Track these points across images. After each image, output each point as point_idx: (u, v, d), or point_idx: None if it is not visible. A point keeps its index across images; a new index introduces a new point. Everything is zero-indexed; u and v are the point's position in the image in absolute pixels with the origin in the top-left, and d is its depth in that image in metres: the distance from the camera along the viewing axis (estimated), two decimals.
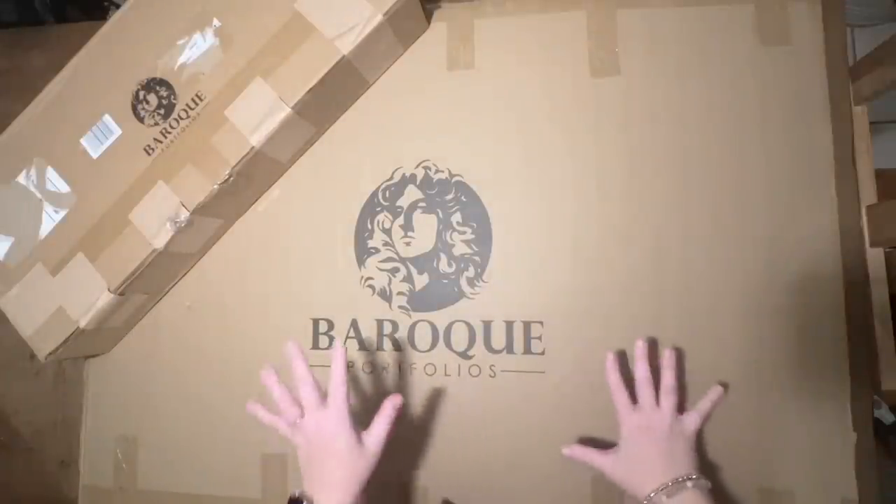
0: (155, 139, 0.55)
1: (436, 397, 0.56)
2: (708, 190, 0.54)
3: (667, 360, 0.49)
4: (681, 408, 0.48)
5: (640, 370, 0.49)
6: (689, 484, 0.43)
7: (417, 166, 0.59)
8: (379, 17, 0.51)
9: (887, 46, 0.50)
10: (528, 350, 0.55)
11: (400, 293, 0.58)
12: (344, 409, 0.44)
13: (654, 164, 0.55)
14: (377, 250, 0.59)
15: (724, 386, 0.50)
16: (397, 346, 0.58)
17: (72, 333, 0.55)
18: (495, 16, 0.59)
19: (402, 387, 0.57)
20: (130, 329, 0.63)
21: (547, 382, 0.55)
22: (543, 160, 0.57)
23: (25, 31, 0.73)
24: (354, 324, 0.58)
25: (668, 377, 0.48)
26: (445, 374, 0.56)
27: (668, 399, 0.47)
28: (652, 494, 0.43)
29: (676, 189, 0.54)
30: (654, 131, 0.55)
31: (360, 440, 0.44)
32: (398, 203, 0.59)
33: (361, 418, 0.57)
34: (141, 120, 0.55)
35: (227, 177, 0.53)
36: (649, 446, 0.46)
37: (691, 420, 0.47)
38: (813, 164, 0.53)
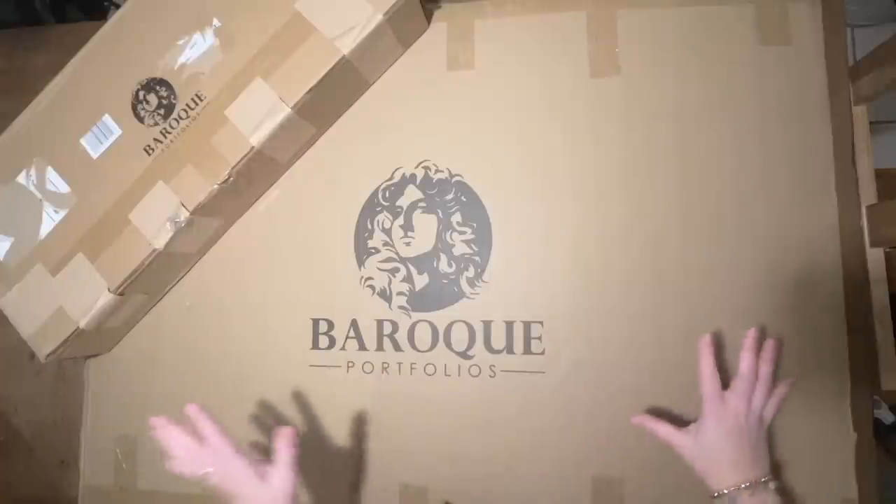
0: (155, 139, 0.55)
1: (436, 397, 0.56)
2: (708, 190, 0.54)
3: (768, 352, 0.47)
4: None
5: (746, 360, 0.47)
6: (771, 486, 0.43)
7: (417, 166, 0.59)
8: (379, 18, 0.51)
9: (887, 46, 0.50)
10: (528, 350, 0.55)
11: (400, 293, 0.58)
12: (233, 458, 0.45)
13: (654, 164, 0.55)
14: (377, 250, 0.59)
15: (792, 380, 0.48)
16: (397, 347, 0.57)
17: (72, 333, 0.54)
18: (495, 16, 0.59)
19: (401, 387, 0.57)
20: (130, 329, 0.63)
21: (547, 382, 0.55)
22: (543, 160, 0.57)
23: (25, 31, 0.73)
24: (354, 324, 0.58)
25: (765, 370, 0.47)
26: (445, 374, 0.56)
27: (762, 393, 0.46)
28: (733, 489, 0.43)
29: (676, 189, 0.54)
30: (654, 131, 0.55)
31: (263, 481, 0.44)
32: (398, 203, 0.59)
33: (361, 421, 0.57)
34: (141, 120, 0.55)
35: (227, 177, 0.53)
36: (733, 439, 0.45)
37: (769, 411, 0.46)
38: (813, 164, 0.53)
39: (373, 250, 0.59)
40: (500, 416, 0.55)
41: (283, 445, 0.45)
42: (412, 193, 0.59)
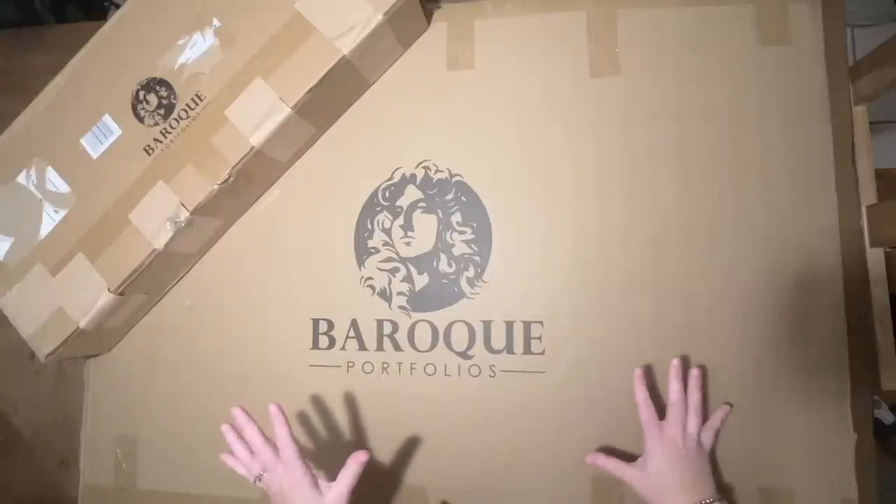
0: (155, 139, 0.55)
1: (436, 397, 0.56)
2: (708, 190, 0.54)
3: (694, 379, 0.49)
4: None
5: (674, 390, 0.49)
6: None
7: (417, 166, 0.59)
8: (379, 18, 0.51)
9: (887, 46, 0.50)
10: (528, 350, 0.55)
11: (400, 293, 0.58)
12: (297, 467, 0.45)
13: (654, 164, 0.55)
14: (377, 250, 0.59)
15: (730, 405, 0.51)
16: (397, 347, 0.57)
17: (72, 333, 0.54)
18: (495, 16, 0.59)
19: (401, 387, 0.57)
20: (130, 329, 0.63)
21: (547, 382, 0.55)
22: (543, 160, 0.57)
23: (25, 31, 0.73)
24: (354, 324, 0.58)
25: (695, 397, 0.48)
26: (445, 374, 0.56)
27: (695, 419, 0.48)
28: None
29: (676, 189, 0.54)
30: (654, 131, 0.55)
31: (319, 493, 0.45)
32: (398, 203, 0.59)
33: (361, 421, 0.57)
34: (141, 120, 0.55)
35: (227, 177, 0.53)
36: (676, 466, 0.46)
37: (707, 437, 0.48)
38: (813, 164, 0.53)
39: (373, 250, 0.59)
40: (499, 415, 0.55)
41: (351, 466, 0.45)
42: (412, 193, 0.59)
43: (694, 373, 0.49)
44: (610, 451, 0.52)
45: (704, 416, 0.49)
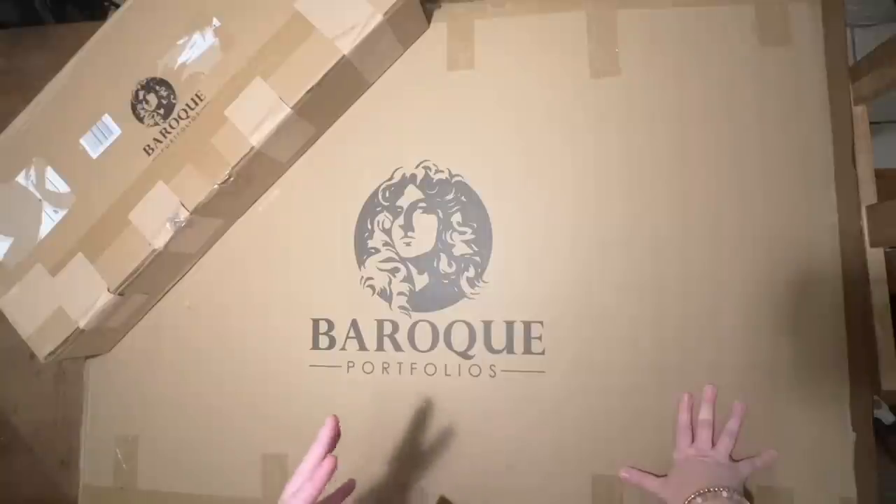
0: (155, 139, 0.55)
1: (436, 397, 0.56)
2: (708, 190, 0.54)
3: (737, 409, 0.51)
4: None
5: (705, 412, 0.51)
6: (724, 493, 0.45)
7: (417, 166, 0.59)
8: (379, 17, 0.51)
9: (887, 46, 0.50)
10: (528, 350, 0.55)
11: (400, 293, 0.58)
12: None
13: (654, 164, 0.55)
14: (377, 250, 0.59)
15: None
16: (397, 347, 0.57)
17: (71, 333, 0.54)
18: (495, 16, 0.59)
19: (402, 387, 0.57)
20: (130, 329, 0.63)
21: (547, 382, 0.55)
22: (543, 160, 0.57)
23: (25, 31, 0.73)
24: (354, 324, 0.58)
25: (733, 423, 0.51)
26: (445, 374, 0.56)
27: (726, 441, 0.50)
28: (689, 498, 0.45)
29: (676, 189, 0.54)
30: (654, 131, 0.55)
31: None
32: (398, 203, 0.59)
33: (361, 421, 0.57)
34: (141, 120, 0.55)
35: (227, 177, 0.53)
36: (698, 467, 0.49)
37: (724, 445, 0.50)
38: (813, 164, 0.53)
39: (373, 250, 0.59)
40: (499, 415, 0.55)
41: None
42: (412, 193, 0.59)
43: (738, 405, 0.51)
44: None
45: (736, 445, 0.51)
